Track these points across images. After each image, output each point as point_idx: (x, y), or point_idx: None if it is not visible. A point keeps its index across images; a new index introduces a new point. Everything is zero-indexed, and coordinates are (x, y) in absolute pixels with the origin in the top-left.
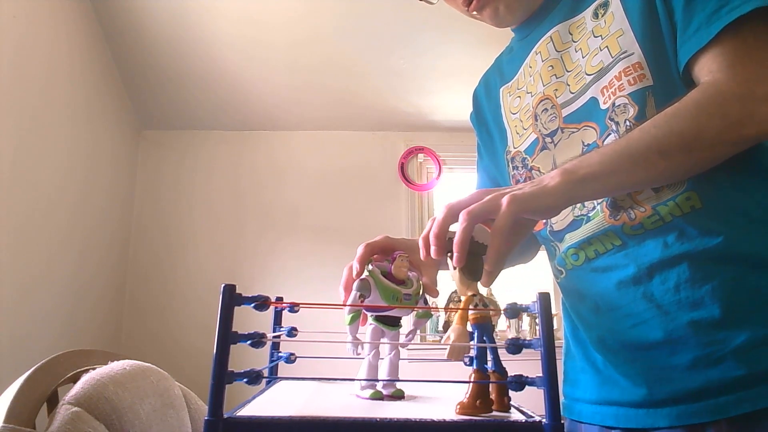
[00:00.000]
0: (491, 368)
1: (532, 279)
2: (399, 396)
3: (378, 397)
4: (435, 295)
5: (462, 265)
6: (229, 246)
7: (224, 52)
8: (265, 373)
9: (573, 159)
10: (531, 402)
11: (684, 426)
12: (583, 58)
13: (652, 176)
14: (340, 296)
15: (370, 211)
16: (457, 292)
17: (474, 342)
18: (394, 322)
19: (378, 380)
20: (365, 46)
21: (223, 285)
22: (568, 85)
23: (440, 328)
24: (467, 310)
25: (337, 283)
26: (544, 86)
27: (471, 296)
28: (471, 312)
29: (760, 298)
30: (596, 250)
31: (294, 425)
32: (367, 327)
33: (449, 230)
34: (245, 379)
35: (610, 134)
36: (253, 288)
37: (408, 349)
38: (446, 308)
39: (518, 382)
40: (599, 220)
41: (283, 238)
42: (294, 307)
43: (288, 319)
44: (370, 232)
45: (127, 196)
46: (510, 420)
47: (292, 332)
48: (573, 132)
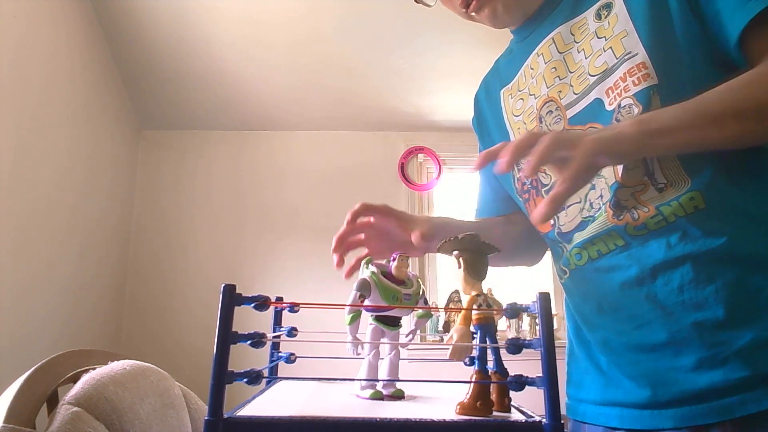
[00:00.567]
0: (492, 369)
1: (533, 279)
2: (399, 396)
3: (378, 397)
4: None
5: (526, 170)
6: (229, 246)
7: (224, 52)
8: (265, 373)
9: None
10: (531, 402)
11: (689, 427)
12: (586, 59)
13: (724, 137)
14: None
15: None
16: (457, 291)
17: (476, 342)
18: (394, 322)
19: (378, 380)
20: (365, 46)
21: (223, 285)
22: (572, 86)
23: (440, 328)
24: (471, 310)
25: (337, 283)
26: (548, 88)
27: (475, 296)
28: (474, 312)
29: (763, 299)
30: (599, 250)
31: (294, 425)
32: (367, 327)
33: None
34: (245, 379)
35: None
36: (253, 288)
37: (408, 349)
38: (446, 308)
39: (518, 382)
40: (603, 219)
41: (283, 238)
42: (294, 307)
43: (288, 319)
44: None
45: (127, 196)
46: (510, 420)
47: (292, 332)
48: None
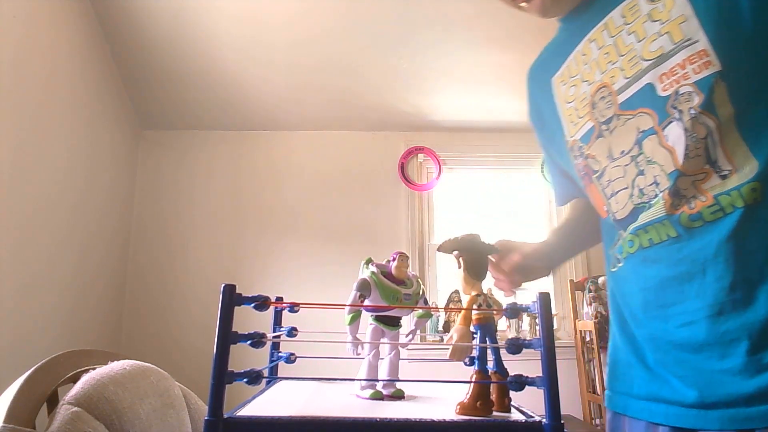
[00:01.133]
0: (492, 369)
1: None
2: (399, 396)
3: (378, 397)
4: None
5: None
6: (229, 246)
7: (224, 52)
8: (265, 373)
9: (628, 146)
10: (531, 402)
11: (735, 430)
12: (639, 42)
13: None
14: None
15: (370, 211)
16: (457, 291)
17: (476, 342)
18: (394, 322)
19: (378, 380)
20: (365, 46)
21: (223, 285)
22: (623, 70)
23: (440, 328)
24: (471, 310)
25: (337, 282)
26: (601, 74)
27: (475, 296)
28: (474, 312)
29: None
30: (651, 239)
31: (294, 425)
32: (367, 327)
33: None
34: (245, 379)
35: (671, 122)
36: (253, 288)
37: (408, 349)
38: (446, 308)
39: (518, 382)
40: (659, 207)
41: (283, 238)
42: (294, 307)
43: (288, 319)
44: (370, 232)
45: (127, 196)
46: (510, 420)
47: (292, 332)
48: (629, 119)
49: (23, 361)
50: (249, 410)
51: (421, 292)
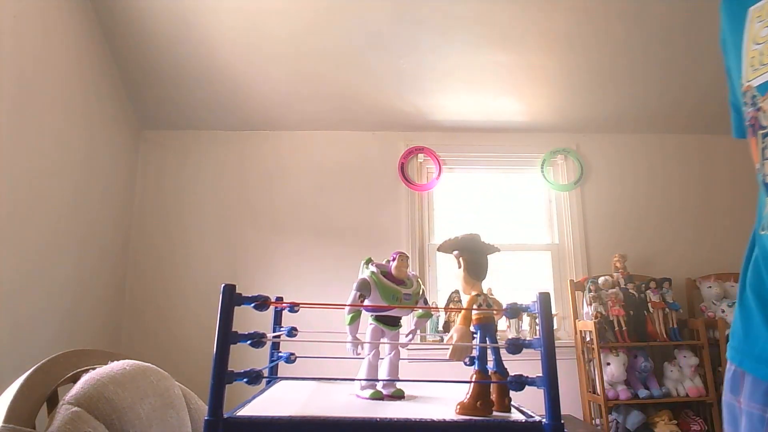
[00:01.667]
0: (492, 368)
1: (533, 279)
2: (399, 396)
3: (378, 396)
4: None
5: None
6: (229, 246)
7: (224, 52)
8: (265, 373)
9: None
10: (531, 402)
11: None
12: None
13: None
14: None
15: (370, 211)
16: (457, 291)
17: (476, 342)
18: (394, 322)
19: (378, 380)
20: (365, 46)
21: (223, 285)
22: None
23: (440, 328)
24: (471, 310)
25: (338, 282)
26: None
27: (475, 296)
28: (475, 312)
29: None
30: None
31: (294, 425)
32: (367, 327)
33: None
34: (245, 379)
35: None
36: (253, 288)
37: (408, 349)
38: (446, 308)
39: (518, 382)
40: None
41: (282, 238)
42: (294, 307)
43: (288, 319)
44: (370, 232)
45: (127, 196)
46: (510, 420)
47: (292, 332)
48: None
49: (23, 361)
50: (249, 410)
51: (421, 292)
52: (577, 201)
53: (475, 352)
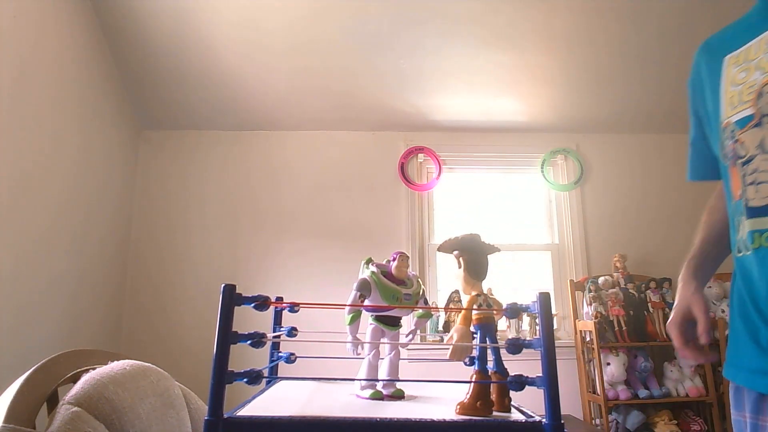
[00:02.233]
0: (492, 368)
1: (532, 279)
2: (399, 396)
3: (378, 397)
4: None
5: None
6: (229, 246)
7: (224, 51)
8: (265, 373)
9: None
10: (531, 402)
11: None
12: None
13: None
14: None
15: (370, 211)
16: (457, 291)
17: (476, 342)
18: (394, 322)
19: (378, 380)
20: (365, 46)
21: (223, 285)
22: None
23: (440, 328)
24: (471, 310)
25: (338, 282)
26: None
27: (475, 296)
28: (475, 312)
29: None
30: None
31: (294, 425)
32: (368, 327)
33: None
34: (245, 379)
35: None
36: (253, 288)
37: (408, 349)
38: (446, 308)
39: (518, 382)
40: None
41: (283, 238)
42: (294, 307)
43: (288, 319)
44: (370, 232)
45: (126, 196)
46: (510, 420)
47: (292, 332)
48: None
49: (23, 361)
50: (249, 410)
51: (421, 292)
52: (577, 201)
53: (475, 352)
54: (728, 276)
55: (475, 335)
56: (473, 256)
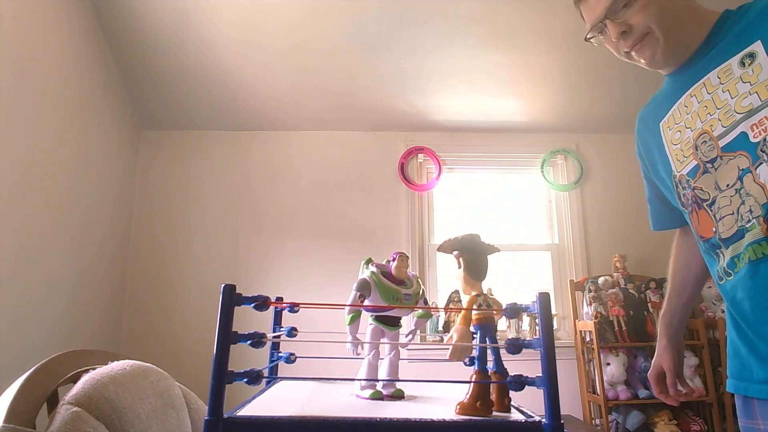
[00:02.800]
0: (492, 368)
1: (532, 279)
2: (399, 396)
3: (378, 397)
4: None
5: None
6: (229, 246)
7: (224, 51)
8: (265, 373)
9: (732, 180)
10: (531, 402)
11: None
12: (732, 98)
13: None
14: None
15: (370, 211)
16: (457, 291)
17: (476, 342)
18: (394, 322)
19: (378, 380)
20: (366, 46)
21: (223, 285)
22: (720, 120)
23: (440, 328)
24: (471, 310)
25: (338, 282)
26: (702, 123)
27: (475, 296)
28: (474, 312)
29: None
30: (750, 257)
31: (294, 425)
32: (367, 327)
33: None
34: (245, 379)
35: (761, 163)
36: (253, 288)
37: (408, 350)
38: (446, 308)
39: (518, 382)
40: (756, 231)
41: (283, 238)
42: (294, 307)
43: (288, 319)
44: (370, 232)
45: (126, 196)
46: (510, 420)
47: (292, 332)
48: (731, 159)
49: (23, 361)
50: (249, 410)
51: (421, 292)
52: (577, 201)
53: (475, 352)
54: None
55: (475, 335)
56: (473, 256)
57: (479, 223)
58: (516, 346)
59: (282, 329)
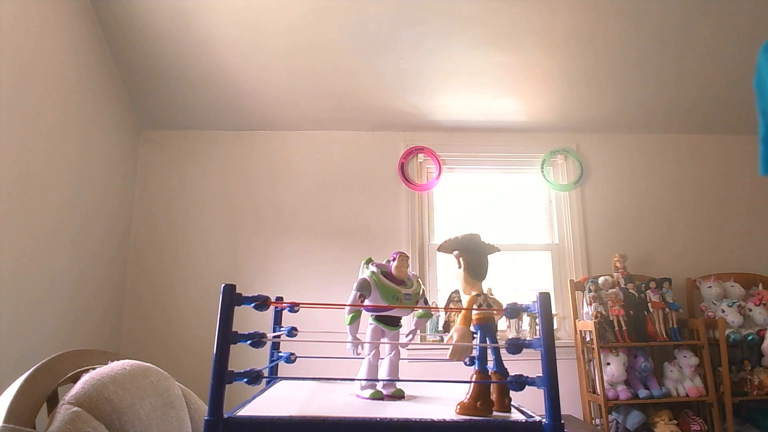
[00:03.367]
0: (492, 368)
1: (532, 279)
2: (399, 396)
3: (378, 396)
4: None
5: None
6: (229, 246)
7: (224, 51)
8: (265, 373)
9: None
10: (531, 402)
11: None
12: None
13: None
14: None
15: (370, 211)
16: (457, 291)
17: (476, 342)
18: (394, 322)
19: (378, 380)
20: (366, 46)
21: (223, 285)
22: None
23: (440, 328)
24: (471, 310)
25: (338, 282)
26: None
27: (475, 296)
28: (474, 312)
29: None
30: None
31: (294, 425)
32: (368, 327)
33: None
34: (245, 379)
35: None
36: (253, 288)
37: (408, 349)
38: (446, 308)
39: (518, 382)
40: None
41: (283, 238)
42: (294, 307)
43: (288, 319)
44: (370, 232)
45: (126, 196)
46: (510, 420)
47: (292, 332)
48: None
49: (23, 361)
50: (249, 410)
51: (421, 292)
52: (577, 201)
53: (475, 352)
54: (728, 276)
55: (475, 335)
56: (473, 256)
57: (479, 223)
58: (516, 346)
59: (282, 329)
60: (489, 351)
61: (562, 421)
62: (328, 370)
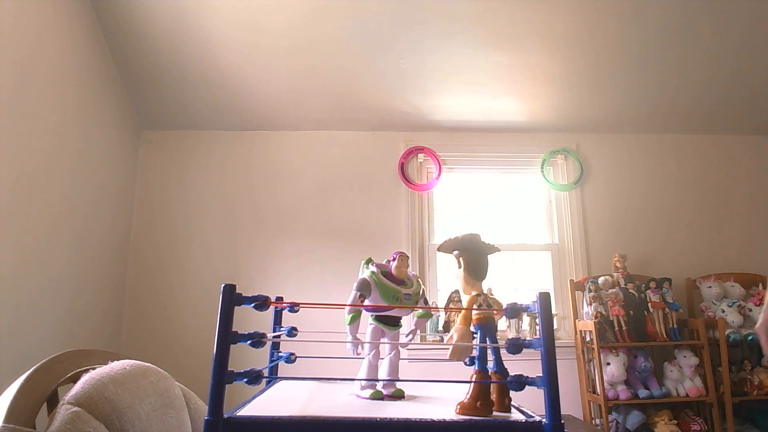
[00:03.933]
0: (493, 368)
1: (532, 279)
2: (399, 396)
3: (378, 396)
4: None
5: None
6: (229, 246)
7: (224, 51)
8: (265, 373)
9: None
10: (531, 402)
11: None
12: None
13: None
14: None
15: (370, 211)
16: (457, 291)
17: (476, 342)
18: (394, 322)
19: (378, 380)
20: (366, 46)
21: (223, 285)
22: None
23: (440, 328)
24: (471, 310)
25: (338, 282)
26: None
27: (475, 296)
28: (475, 312)
29: None
30: None
31: (294, 425)
32: (368, 327)
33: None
34: (245, 379)
35: None
36: (253, 288)
37: (408, 349)
38: (446, 308)
39: (518, 382)
40: None
41: (283, 238)
42: (294, 307)
43: (288, 319)
44: (370, 232)
45: (126, 196)
46: (510, 420)
47: (292, 332)
48: None
49: (23, 361)
50: (249, 410)
51: (421, 292)
52: (577, 201)
53: (475, 352)
54: (728, 276)
55: (475, 335)
56: (473, 256)
57: (479, 222)
58: (516, 346)
59: (282, 329)
60: (489, 351)
61: (562, 421)
62: (328, 370)
